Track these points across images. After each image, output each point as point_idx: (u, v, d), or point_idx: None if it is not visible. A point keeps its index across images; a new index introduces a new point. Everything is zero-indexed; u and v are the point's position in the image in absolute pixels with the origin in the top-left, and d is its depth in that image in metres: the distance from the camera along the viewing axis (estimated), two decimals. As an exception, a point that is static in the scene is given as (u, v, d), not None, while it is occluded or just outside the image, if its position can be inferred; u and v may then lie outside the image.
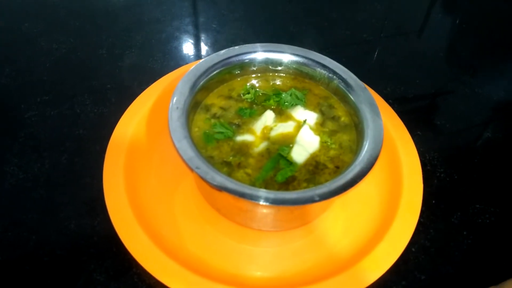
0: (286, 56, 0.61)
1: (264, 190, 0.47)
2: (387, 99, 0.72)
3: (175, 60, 0.82)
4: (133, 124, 0.63)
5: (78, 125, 0.68)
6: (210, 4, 0.96)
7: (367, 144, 0.52)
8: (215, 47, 0.86)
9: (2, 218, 0.57)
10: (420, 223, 0.57)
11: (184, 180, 0.62)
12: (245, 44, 0.62)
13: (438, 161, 0.69)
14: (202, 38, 0.88)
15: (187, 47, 0.85)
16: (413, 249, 0.58)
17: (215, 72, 0.58)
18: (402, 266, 0.56)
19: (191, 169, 0.47)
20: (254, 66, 0.61)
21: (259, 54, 0.61)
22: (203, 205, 0.59)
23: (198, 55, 0.84)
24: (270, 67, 0.62)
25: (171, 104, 0.52)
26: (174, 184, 0.61)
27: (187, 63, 0.79)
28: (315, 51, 0.63)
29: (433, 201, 0.64)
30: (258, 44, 0.61)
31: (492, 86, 0.86)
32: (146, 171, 0.61)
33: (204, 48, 0.86)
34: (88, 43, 0.82)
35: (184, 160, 0.47)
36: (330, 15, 0.97)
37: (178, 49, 0.84)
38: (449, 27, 1.03)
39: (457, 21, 1.05)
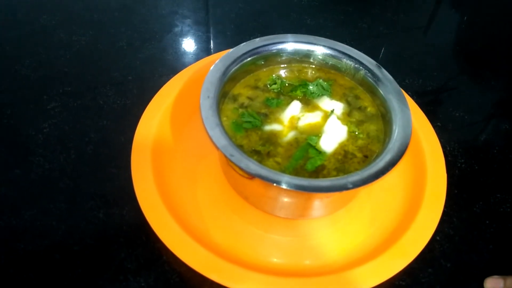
0: (312, 47, 0.61)
1: (297, 177, 0.47)
2: (406, 91, 0.73)
3: (194, 52, 0.82)
4: (158, 114, 0.63)
5: (101, 116, 0.68)
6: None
7: (396, 133, 0.52)
8: (233, 39, 0.86)
9: (31, 208, 0.57)
10: (443, 213, 0.58)
11: (210, 169, 0.62)
12: (263, 36, 0.63)
13: (459, 152, 0.70)
14: (220, 30, 0.88)
15: (205, 40, 0.85)
16: (438, 238, 0.59)
17: (243, 62, 0.58)
18: (427, 254, 0.56)
19: (226, 157, 0.47)
20: (280, 56, 0.62)
21: (286, 44, 0.61)
22: (230, 193, 0.60)
23: (216, 48, 0.84)
24: (295, 57, 0.62)
25: (202, 93, 0.52)
26: (200, 173, 0.62)
27: (206, 56, 0.80)
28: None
29: (456, 191, 0.64)
30: (287, 35, 0.61)
31: (507, 78, 0.87)
32: (173, 160, 0.62)
33: (222, 41, 0.86)
34: (107, 35, 0.82)
35: (218, 148, 0.47)
36: (346, 8, 0.98)
37: (197, 42, 0.85)
38: (462, 21, 1.04)
39: (467, 16, 1.05)
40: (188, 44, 0.84)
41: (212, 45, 0.85)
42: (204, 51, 0.83)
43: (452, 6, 1.09)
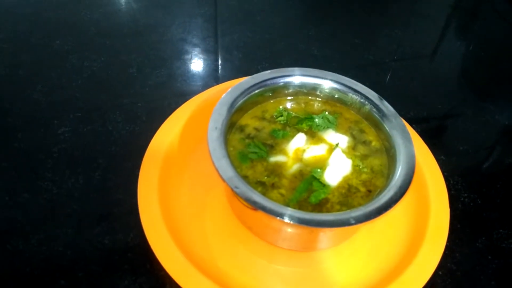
0: (319, 81, 0.63)
1: (300, 211, 0.48)
2: (410, 123, 0.74)
3: (203, 80, 0.84)
4: (166, 142, 0.64)
5: (110, 142, 0.69)
6: (235, 26, 0.99)
7: (399, 169, 0.53)
8: (241, 68, 0.88)
9: (37, 233, 0.58)
10: (446, 247, 0.58)
11: (216, 198, 0.63)
12: (271, 66, 0.64)
13: (462, 186, 0.70)
14: (228, 59, 0.90)
15: (214, 68, 0.87)
16: (440, 273, 0.59)
17: (251, 94, 0.60)
18: (430, 289, 0.56)
19: (231, 188, 0.48)
20: (288, 89, 0.63)
21: (294, 78, 0.62)
22: (234, 223, 0.60)
23: (225, 76, 0.86)
24: (302, 90, 0.64)
25: (210, 124, 0.53)
26: (206, 201, 0.63)
27: (214, 83, 0.81)
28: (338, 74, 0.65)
29: (458, 226, 0.65)
30: (294, 68, 0.63)
31: (511, 111, 0.88)
32: (179, 188, 0.63)
33: (230, 69, 0.88)
34: (118, 62, 0.84)
35: (223, 180, 0.48)
36: (353, 40, 1.00)
37: (205, 69, 0.87)
38: (467, 53, 1.05)
39: (471, 47, 1.07)
40: (197, 72, 0.86)
41: (220, 73, 0.87)
42: (212, 79, 0.85)
43: (459, 38, 1.10)
